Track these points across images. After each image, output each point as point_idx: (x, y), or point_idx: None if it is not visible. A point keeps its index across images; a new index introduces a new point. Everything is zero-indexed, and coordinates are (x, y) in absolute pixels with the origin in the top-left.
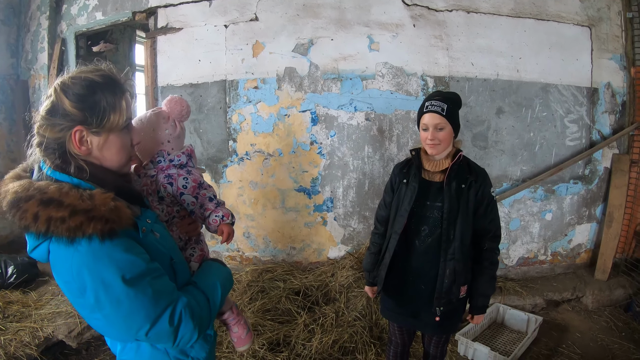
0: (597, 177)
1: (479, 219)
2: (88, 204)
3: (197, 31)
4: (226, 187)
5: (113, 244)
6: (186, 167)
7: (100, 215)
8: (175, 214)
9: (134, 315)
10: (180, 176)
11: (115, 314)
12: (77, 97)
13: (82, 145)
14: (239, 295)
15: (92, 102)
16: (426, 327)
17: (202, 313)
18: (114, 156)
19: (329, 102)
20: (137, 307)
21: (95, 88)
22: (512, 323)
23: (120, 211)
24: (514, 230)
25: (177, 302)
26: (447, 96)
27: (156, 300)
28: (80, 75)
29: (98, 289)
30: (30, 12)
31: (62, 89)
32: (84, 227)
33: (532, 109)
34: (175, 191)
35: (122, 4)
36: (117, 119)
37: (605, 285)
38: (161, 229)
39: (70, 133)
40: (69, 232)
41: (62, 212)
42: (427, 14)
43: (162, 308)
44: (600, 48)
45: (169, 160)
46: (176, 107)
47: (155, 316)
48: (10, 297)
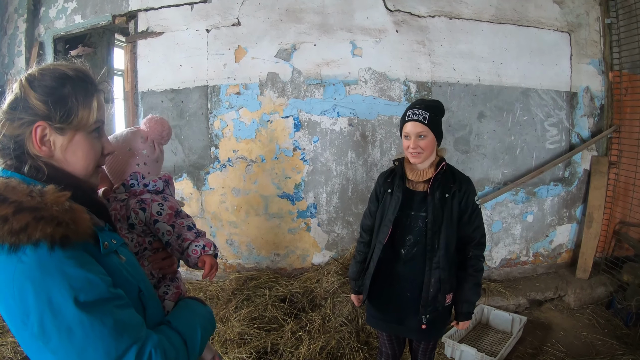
0: (576, 179)
1: (463, 227)
2: (37, 201)
3: (179, 35)
4: (208, 194)
5: (65, 255)
6: (162, 193)
7: (51, 216)
8: (147, 245)
9: (90, 350)
10: (154, 202)
11: (64, 348)
12: (43, 89)
13: (43, 144)
14: (224, 303)
15: (60, 95)
16: (411, 333)
17: (178, 357)
18: (79, 161)
19: (311, 107)
20: (94, 339)
21: (65, 81)
22: (497, 323)
23: (75, 213)
24: (496, 232)
25: (146, 340)
26: (430, 104)
27: (119, 333)
28: (50, 67)
29: (43, 312)
30: (7, 14)
31: (28, 80)
32: (29, 230)
33: (513, 113)
34: (148, 218)
35: (102, 7)
36: (85, 117)
37: (587, 284)
38: (128, 254)
39: (31, 129)
40: (11, 235)
41: (6, 209)
42: (409, 20)
43: (126, 344)
44: (579, 53)
45: (143, 185)
46: (156, 128)
47: (116, 354)
48: None
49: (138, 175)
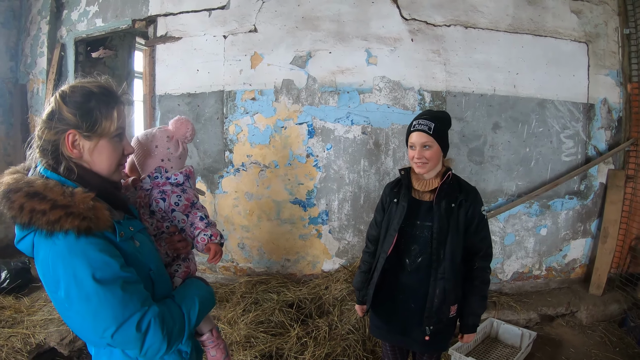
0: (592, 193)
1: (469, 238)
2: (68, 200)
3: (196, 41)
4: (222, 198)
5: (88, 241)
6: (182, 186)
7: (78, 212)
8: (164, 230)
9: (101, 314)
10: (174, 193)
11: (83, 310)
12: (73, 103)
13: (74, 148)
14: (232, 306)
15: (87, 108)
16: (415, 345)
17: (175, 326)
18: (103, 161)
19: (326, 115)
20: (105, 306)
21: (90, 97)
22: (506, 338)
23: (98, 211)
24: (509, 245)
25: (148, 309)
26: (436, 115)
27: (125, 303)
28: (78, 85)
29: (69, 283)
30: (30, 16)
31: (61, 96)
32: (61, 222)
33: (528, 124)
34: (167, 207)
35: (123, 12)
36: (108, 126)
37: (600, 300)
38: (143, 239)
39: (65, 136)
40: (48, 225)
41: (44, 205)
42: (425, 29)
43: (130, 312)
44: (597, 64)
45: (165, 178)
46: (181, 128)
47: (122, 319)
48: (3, 302)
49: (162, 169)
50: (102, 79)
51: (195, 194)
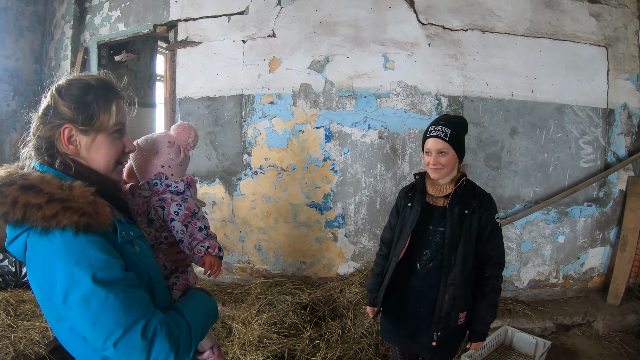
0: (611, 200)
1: (482, 245)
2: (66, 194)
3: (216, 45)
4: (239, 200)
5: (87, 239)
6: (182, 194)
7: (77, 207)
8: (162, 240)
9: (103, 318)
10: (173, 202)
11: (82, 316)
12: (70, 97)
13: (70, 143)
14: (247, 307)
15: (84, 102)
16: (423, 350)
17: (182, 337)
18: (101, 158)
19: (343, 119)
20: (107, 310)
21: (88, 89)
22: (520, 346)
23: (98, 206)
24: (526, 252)
25: (152, 316)
26: (452, 121)
27: (129, 307)
28: (75, 78)
29: (68, 284)
30: (55, 20)
31: (57, 90)
32: (58, 217)
33: (546, 129)
34: (165, 215)
35: (144, 16)
36: (106, 120)
37: (618, 311)
38: (143, 245)
39: (60, 131)
40: (44, 220)
41: (40, 198)
42: (442, 33)
43: (134, 317)
44: (616, 68)
45: (165, 185)
46: (183, 134)
47: (126, 324)
48: (23, 296)
49: (162, 175)
50: (101, 73)
51: (197, 204)
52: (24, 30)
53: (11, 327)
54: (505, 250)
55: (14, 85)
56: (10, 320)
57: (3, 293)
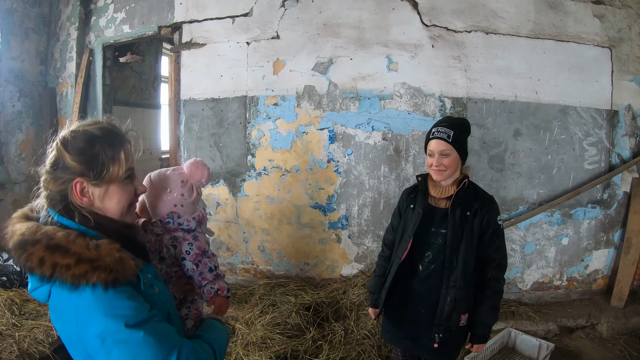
0: (616, 202)
1: (483, 247)
2: (94, 254)
3: (220, 47)
4: (243, 201)
5: (116, 291)
6: (194, 232)
7: (105, 266)
8: (173, 275)
9: (141, 356)
10: (185, 240)
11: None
12: (76, 150)
13: (83, 196)
14: (250, 307)
15: (91, 154)
16: (425, 352)
17: None
18: (114, 206)
19: (346, 120)
20: (144, 347)
21: (94, 141)
22: (523, 349)
23: (124, 263)
24: (529, 254)
25: (182, 345)
26: (455, 122)
27: (162, 341)
28: (79, 129)
29: (104, 332)
30: (60, 22)
31: (62, 143)
32: (88, 276)
33: (550, 131)
34: (177, 254)
35: (149, 18)
36: (116, 171)
37: (621, 313)
38: (160, 285)
39: (72, 185)
40: (74, 278)
41: (68, 259)
42: (445, 35)
43: (168, 349)
44: (620, 69)
45: (177, 224)
46: (197, 173)
47: (162, 357)
48: (28, 295)
49: (174, 215)
50: (104, 120)
51: (207, 241)
52: (30, 32)
53: (15, 326)
54: (507, 253)
55: (19, 87)
56: (15, 319)
57: (8, 292)
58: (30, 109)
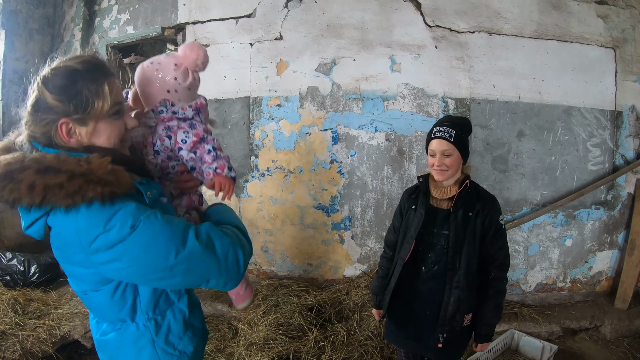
0: (619, 203)
1: (486, 247)
2: (85, 168)
3: (223, 48)
4: (246, 202)
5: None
6: (191, 120)
7: (98, 178)
8: (170, 170)
9: (154, 244)
10: (180, 129)
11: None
12: (58, 89)
13: (70, 137)
14: (253, 308)
15: (74, 91)
16: (429, 352)
17: (237, 235)
18: (104, 143)
19: (350, 121)
20: (155, 234)
21: (76, 77)
22: (527, 350)
23: (118, 174)
24: (533, 255)
25: (199, 225)
26: (456, 122)
27: (171, 223)
28: (60, 65)
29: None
30: (64, 23)
31: (43, 82)
32: (82, 191)
33: (554, 132)
34: (173, 145)
35: (152, 20)
36: (101, 106)
37: (625, 315)
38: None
39: (56, 126)
40: (67, 197)
41: (60, 178)
42: (449, 36)
43: (182, 228)
44: (624, 70)
45: (172, 112)
46: (191, 55)
47: (177, 237)
48: (31, 294)
49: (167, 102)
50: (86, 52)
51: (206, 129)
52: (34, 33)
53: (19, 325)
54: (510, 252)
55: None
56: (18, 318)
57: (11, 292)
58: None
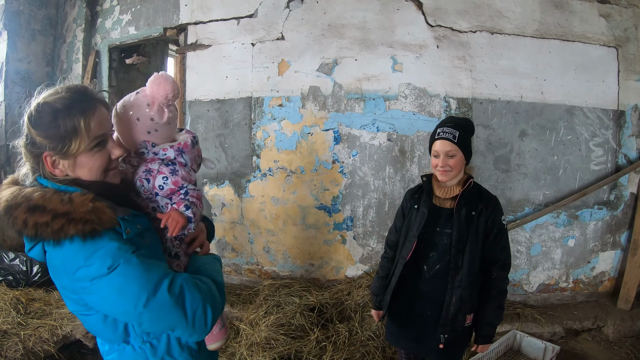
0: (622, 203)
1: (488, 247)
2: (67, 207)
3: (225, 48)
4: (248, 202)
5: (95, 241)
6: (172, 165)
7: (79, 217)
8: (149, 210)
9: (128, 288)
10: (160, 174)
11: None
12: (41, 127)
13: (55, 168)
14: (255, 308)
15: (54, 129)
16: (430, 353)
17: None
18: (87, 174)
19: (351, 121)
20: (130, 280)
21: (55, 115)
22: (529, 351)
23: (99, 212)
24: (535, 255)
25: (175, 275)
26: (459, 123)
27: (148, 271)
28: (41, 102)
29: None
30: (66, 24)
31: (29, 119)
32: (65, 229)
33: (556, 131)
34: (150, 188)
35: (154, 20)
36: (77, 144)
37: (628, 316)
38: (153, 237)
39: (42, 158)
40: (53, 234)
41: (46, 217)
42: (450, 35)
43: (157, 277)
44: (627, 69)
45: (153, 153)
46: (159, 92)
47: (150, 286)
48: (34, 294)
49: (147, 144)
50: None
51: (189, 177)
52: (36, 34)
53: (21, 325)
54: (512, 253)
55: (26, 88)
56: (20, 318)
57: (14, 291)
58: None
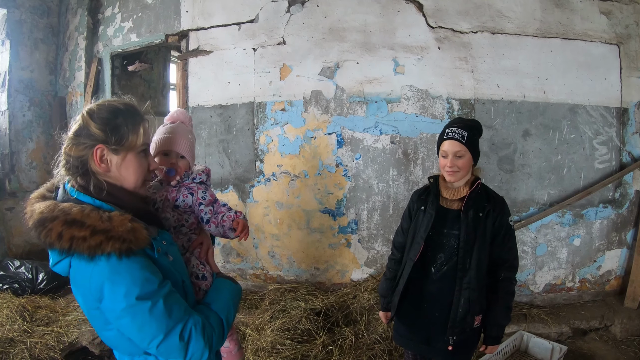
0: (627, 201)
1: (496, 248)
2: (107, 225)
3: (227, 54)
4: (252, 207)
5: (130, 261)
6: (205, 184)
7: (118, 236)
8: (184, 222)
9: (147, 326)
10: (199, 189)
11: (131, 323)
12: (101, 120)
13: (102, 162)
14: (261, 313)
15: (114, 124)
16: (438, 355)
17: (214, 332)
18: (130, 175)
19: (354, 125)
20: (151, 319)
21: (117, 113)
22: (536, 352)
23: (137, 232)
24: (541, 255)
25: (188, 319)
26: (468, 124)
27: (168, 314)
28: (105, 103)
29: (115, 300)
30: (68, 32)
31: (88, 113)
32: (103, 246)
33: (559, 130)
34: (194, 201)
35: (156, 27)
36: (135, 140)
37: (635, 314)
38: (175, 252)
39: (93, 151)
40: (90, 250)
41: (84, 232)
42: (451, 36)
43: (174, 322)
44: (629, 66)
45: (191, 179)
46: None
47: (167, 329)
48: (40, 302)
49: (188, 172)
50: (127, 98)
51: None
52: (39, 42)
53: (27, 332)
54: (518, 253)
55: (29, 96)
56: (27, 325)
57: (20, 299)
58: (41, 118)
